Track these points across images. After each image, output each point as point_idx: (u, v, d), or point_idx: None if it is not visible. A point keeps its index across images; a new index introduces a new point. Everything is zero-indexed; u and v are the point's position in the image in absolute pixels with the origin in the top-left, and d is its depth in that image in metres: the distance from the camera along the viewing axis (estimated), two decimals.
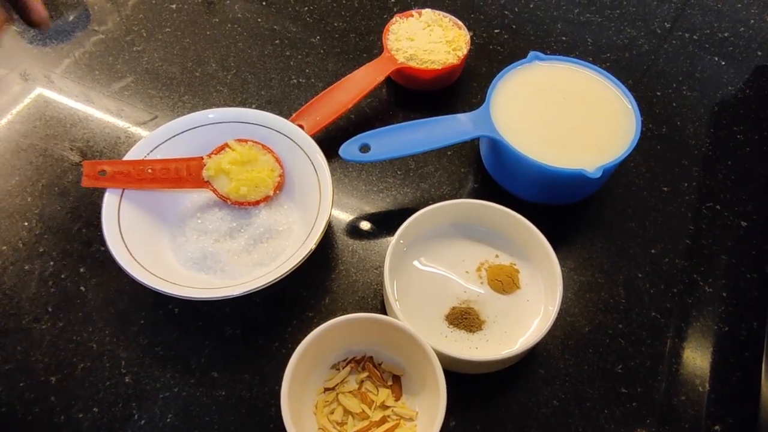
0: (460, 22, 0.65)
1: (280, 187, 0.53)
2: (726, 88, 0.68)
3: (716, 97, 0.67)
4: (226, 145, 0.53)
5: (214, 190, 0.52)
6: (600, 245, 0.55)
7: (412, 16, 0.66)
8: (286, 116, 0.55)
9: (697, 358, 0.49)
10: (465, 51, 0.62)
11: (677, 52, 0.71)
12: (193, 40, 0.70)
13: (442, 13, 0.66)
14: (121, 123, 0.62)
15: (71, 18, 0.73)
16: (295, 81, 0.66)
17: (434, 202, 0.50)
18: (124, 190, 0.50)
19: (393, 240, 0.48)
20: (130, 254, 0.47)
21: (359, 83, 0.60)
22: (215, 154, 0.53)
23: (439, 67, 0.61)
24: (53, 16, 0.72)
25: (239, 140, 0.53)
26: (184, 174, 0.52)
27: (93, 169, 0.50)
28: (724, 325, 0.51)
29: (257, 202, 0.53)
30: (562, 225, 0.56)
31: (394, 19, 0.65)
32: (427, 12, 0.66)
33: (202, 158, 0.52)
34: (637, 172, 0.60)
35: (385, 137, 0.53)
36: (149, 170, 0.51)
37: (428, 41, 0.63)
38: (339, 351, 0.46)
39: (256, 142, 0.53)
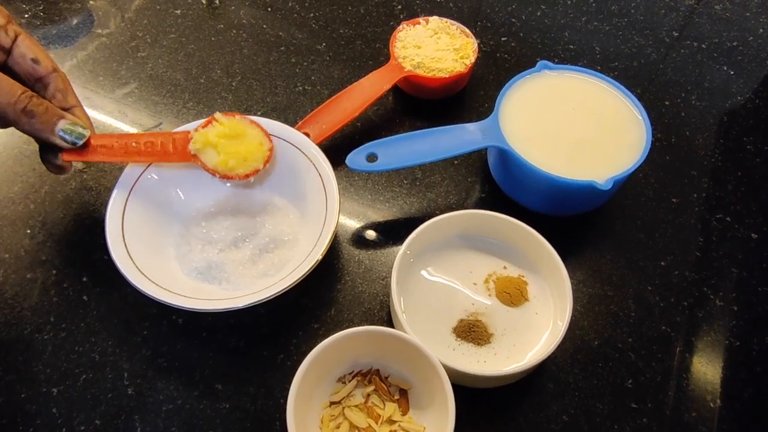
0: (467, 30, 0.64)
1: (269, 160, 0.51)
2: (735, 97, 0.67)
3: (725, 106, 0.67)
4: (213, 118, 0.50)
5: (202, 164, 0.50)
6: (609, 257, 0.54)
7: (419, 23, 0.65)
8: (292, 124, 0.55)
9: (707, 373, 0.48)
10: (472, 59, 0.62)
11: (685, 61, 0.71)
12: (197, 46, 0.69)
13: (449, 20, 0.65)
14: (126, 129, 0.62)
15: (74, 22, 0.72)
16: (300, 88, 0.66)
17: (441, 212, 0.50)
18: (127, 199, 0.50)
19: (400, 251, 0.47)
20: (134, 263, 0.46)
21: (366, 91, 0.59)
22: (202, 128, 0.50)
23: (447, 75, 0.61)
24: (56, 20, 0.72)
25: (226, 113, 0.51)
26: (170, 148, 0.50)
27: None
28: (736, 339, 0.50)
29: (246, 176, 0.51)
30: (571, 236, 0.56)
31: (400, 26, 0.65)
32: (435, 20, 0.65)
33: (188, 132, 0.50)
34: (646, 182, 0.59)
35: (392, 147, 0.52)
36: (134, 144, 0.49)
37: (435, 49, 0.62)
38: (345, 364, 0.46)
39: (243, 116, 0.51)
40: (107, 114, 0.63)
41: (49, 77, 0.47)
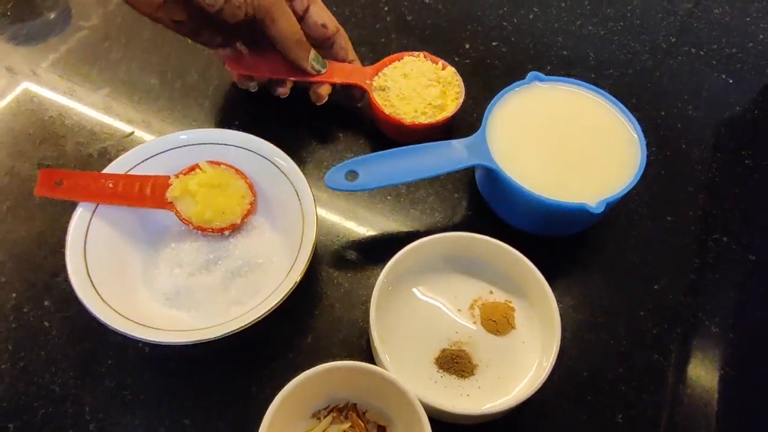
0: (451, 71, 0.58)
1: (249, 215, 0.50)
2: (733, 108, 0.65)
3: (723, 117, 0.64)
4: (197, 166, 0.50)
5: (177, 213, 0.49)
6: (600, 280, 0.52)
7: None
8: (273, 131, 0.51)
9: (701, 406, 0.46)
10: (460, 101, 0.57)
11: (682, 69, 0.68)
12: (173, 48, 0.66)
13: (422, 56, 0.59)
14: (95, 139, 0.59)
15: (52, 17, 0.69)
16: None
17: (426, 229, 0.47)
18: (92, 217, 0.47)
19: (380, 278, 0.45)
20: (95, 290, 0.43)
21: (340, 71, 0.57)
22: (184, 174, 0.49)
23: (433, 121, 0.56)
24: (26, 19, 0.68)
25: (212, 162, 0.50)
26: (147, 192, 0.48)
27: (49, 178, 0.47)
28: (732, 369, 0.48)
29: (222, 230, 0.49)
30: (561, 257, 0.53)
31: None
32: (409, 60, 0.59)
33: (168, 177, 0.49)
34: (639, 200, 0.57)
35: (373, 164, 0.49)
36: (110, 185, 0.47)
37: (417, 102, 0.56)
38: (320, 399, 0.43)
39: (229, 165, 0.50)
40: (76, 123, 0.60)
41: (333, 36, 0.55)
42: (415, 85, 0.57)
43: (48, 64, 0.64)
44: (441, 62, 0.59)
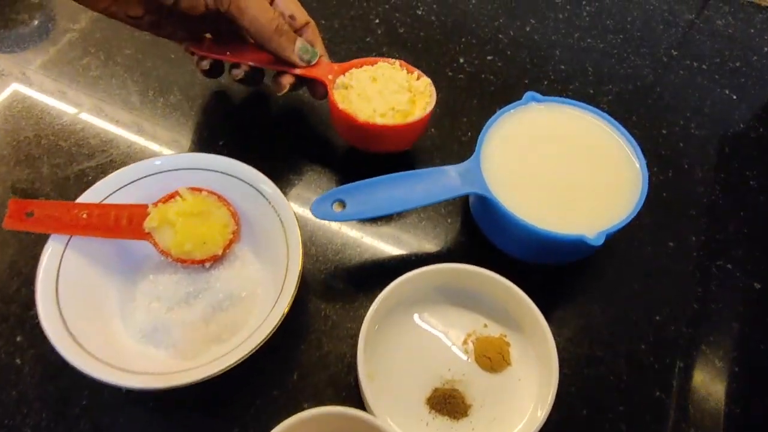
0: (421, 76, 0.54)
1: (231, 245, 0.48)
2: (737, 125, 0.63)
3: (727, 135, 0.62)
4: (177, 193, 0.47)
5: (155, 244, 0.46)
6: (599, 310, 0.50)
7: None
8: (254, 155, 0.49)
9: None
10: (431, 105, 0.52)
11: (684, 84, 0.66)
12: (155, 64, 0.64)
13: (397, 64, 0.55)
14: (72, 162, 0.56)
15: (31, 26, 0.66)
16: (263, 113, 0.60)
17: (418, 256, 0.45)
18: (65, 249, 0.44)
19: (368, 314, 0.42)
20: (68, 331, 0.41)
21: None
22: (163, 202, 0.47)
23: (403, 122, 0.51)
24: (2, 28, 0.66)
25: (192, 189, 0.47)
26: (123, 222, 0.46)
27: (20, 209, 0.44)
28: (736, 405, 0.46)
29: (202, 261, 0.47)
30: (558, 285, 0.51)
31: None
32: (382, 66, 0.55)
33: (146, 206, 0.46)
34: (640, 224, 0.54)
35: (362, 192, 0.47)
36: (84, 215, 0.45)
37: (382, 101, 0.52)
38: None
39: (211, 192, 0.48)
40: (52, 144, 0.57)
41: (302, 29, 0.53)
42: (381, 89, 0.52)
43: (24, 79, 0.62)
44: (417, 72, 0.54)
